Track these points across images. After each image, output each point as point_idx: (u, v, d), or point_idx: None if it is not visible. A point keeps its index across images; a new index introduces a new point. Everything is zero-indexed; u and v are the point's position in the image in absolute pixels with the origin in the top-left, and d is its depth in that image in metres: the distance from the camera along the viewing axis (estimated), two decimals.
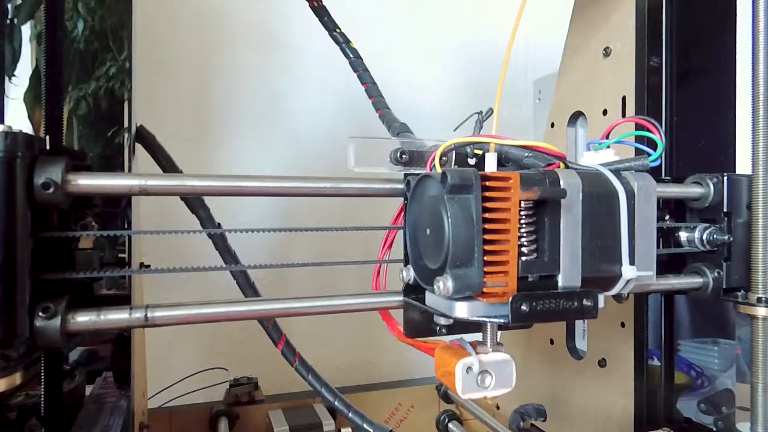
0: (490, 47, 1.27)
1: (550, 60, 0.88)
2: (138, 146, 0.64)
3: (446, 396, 0.95)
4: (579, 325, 0.81)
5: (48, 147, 0.42)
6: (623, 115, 0.69)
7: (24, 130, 0.36)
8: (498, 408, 0.94)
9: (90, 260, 0.49)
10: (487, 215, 0.37)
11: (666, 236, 0.60)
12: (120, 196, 0.53)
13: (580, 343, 0.80)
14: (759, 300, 0.55)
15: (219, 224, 0.65)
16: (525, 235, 0.39)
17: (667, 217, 0.60)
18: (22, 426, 0.47)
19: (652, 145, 0.48)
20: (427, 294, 0.43)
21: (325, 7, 0.69)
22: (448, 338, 0.43)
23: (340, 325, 1.19)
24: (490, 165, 0.43)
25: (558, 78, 0.83)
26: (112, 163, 0.59)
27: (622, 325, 0.70)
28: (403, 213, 0.46)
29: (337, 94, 1.18)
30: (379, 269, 0.47)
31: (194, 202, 0.64)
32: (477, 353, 0.39)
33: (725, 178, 0.57)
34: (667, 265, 0.60)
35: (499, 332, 0.41)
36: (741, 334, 0.65)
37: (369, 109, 0.63)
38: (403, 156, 0.44)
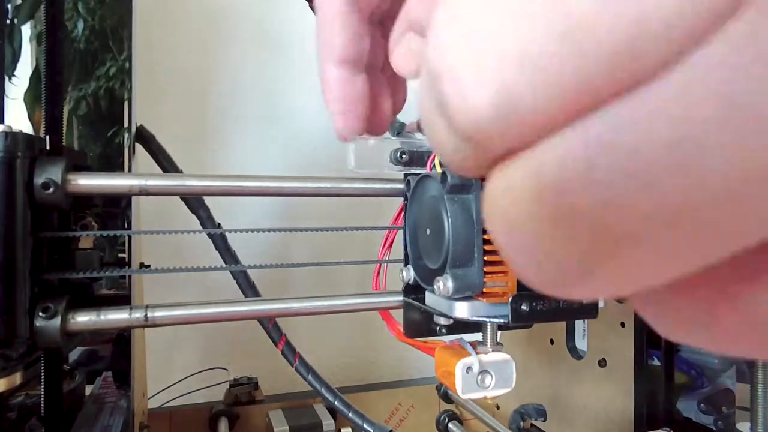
0: None
1: None
2: (138, 146, 0.64)
3: (446, 396, 0.95)
4: (579, 325, 0.81)
5: (48, 147, 0.42)
6: None
7: (24, 130, 0.36)
8: (498, 408, 0.94)
9: (90, 260, 0.49)
10: None
11: None
12: (120, 196, 0.53)
13: (580, 343, 0.80)
14: None
15: (219, 224, 0.65)
16: None
17: None
18: (22, 426, 0.47)
19: None
20: (427, 294, 0.43)
21: None
22: (448, 338, 0.43)
23: (340, 325, 1.19)
24: None
25: None
26: (112, 163, 0.60)
27: (622, 325, 0.70)
28: (403, 213, 0.46)
29: None
30: (379, 269, 0.47)
31: (194, 202, 0.64)
32: (477, 353, 0.39)
33: None
34: None
35: (499, 332, 0.41)
36: None
37: None
38: (403, 156, 0.44)
